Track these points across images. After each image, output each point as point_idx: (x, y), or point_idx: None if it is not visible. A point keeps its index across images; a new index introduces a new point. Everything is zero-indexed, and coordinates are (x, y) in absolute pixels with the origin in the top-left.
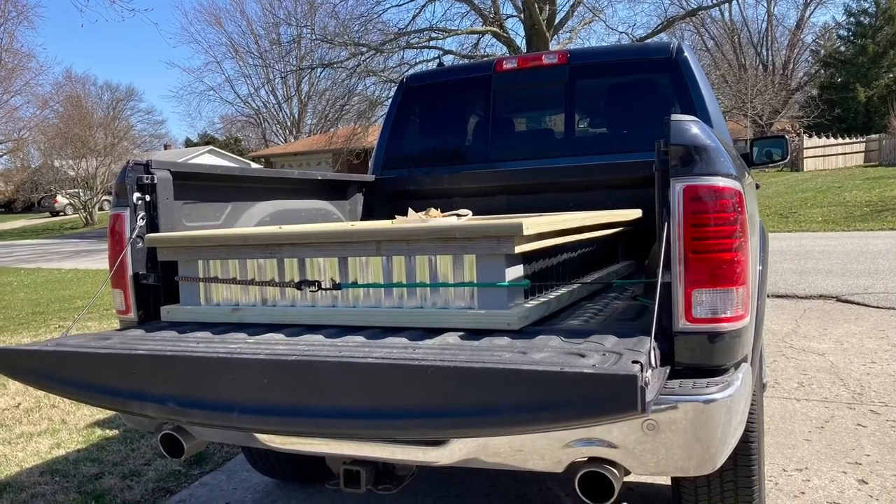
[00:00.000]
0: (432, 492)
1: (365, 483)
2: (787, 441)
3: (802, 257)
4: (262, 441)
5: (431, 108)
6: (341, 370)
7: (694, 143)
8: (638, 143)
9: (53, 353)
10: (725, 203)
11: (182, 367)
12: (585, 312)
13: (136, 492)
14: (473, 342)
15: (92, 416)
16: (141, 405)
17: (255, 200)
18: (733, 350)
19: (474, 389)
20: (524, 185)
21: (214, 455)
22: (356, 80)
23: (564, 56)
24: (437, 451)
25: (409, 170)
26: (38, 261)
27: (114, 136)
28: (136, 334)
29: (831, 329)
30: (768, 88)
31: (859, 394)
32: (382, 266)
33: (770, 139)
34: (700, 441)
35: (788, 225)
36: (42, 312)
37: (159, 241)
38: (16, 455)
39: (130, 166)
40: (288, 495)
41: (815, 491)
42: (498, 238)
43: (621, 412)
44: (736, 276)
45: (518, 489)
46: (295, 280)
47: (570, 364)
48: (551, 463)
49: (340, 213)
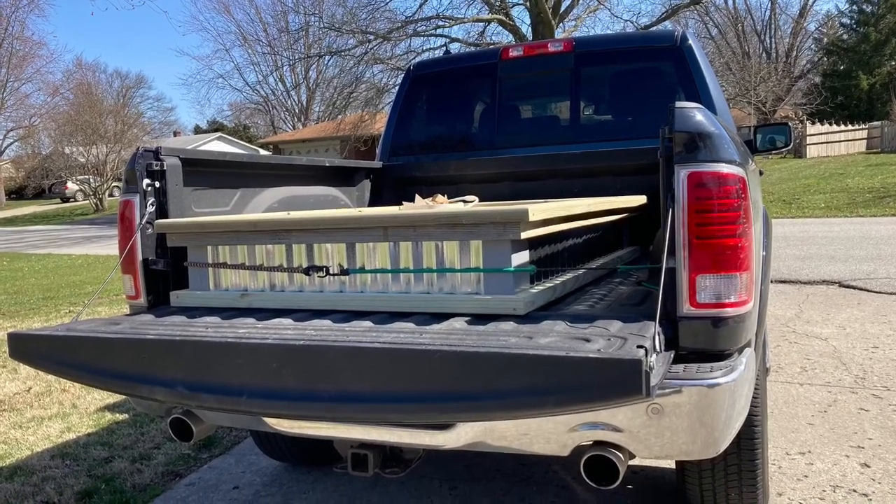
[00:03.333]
0: (439, 475)
1: (372, 466)
2: (791, 425)
3: (805, 243)
4: (270, 425)
5: (438, 96)
6: (349, 355)
7: (698, 129)
8: (642, 130)
9: (64, 338)
10: (729, 189)
11: (191, 351)
12: (591, 298)
13: (145, 475)
14: (480, 327)
15: (102, 401)
16: (150, 389)
17: (264, 187)
18: (737, 335)
19: (480, 374)
20: (530, 171)
21: (223, 439)
22: (364, 67)
23: (570, 44)
24: (444, 434)
25: (416, 156)
26: (48, 246)
27: (124, 123)
28: (145, 319)
29: (834, 314)
30: (772, 76)
31: (862, 378)
32: (390, 252)
33: (773, 126)
34: (704, 425)
35: (792, 211)
36: (53, 297)
37: (169, 227)
38: (27, 439)
39: (140, 153)
40: (296, 478)
41: (818, 474)
42: (504, 224)
43: (626, 396)
44: (739, 261)
45: (524, 472)
46: (303, 265)
47: (576, 349)
48: (557, 447)
49: (348, 200)
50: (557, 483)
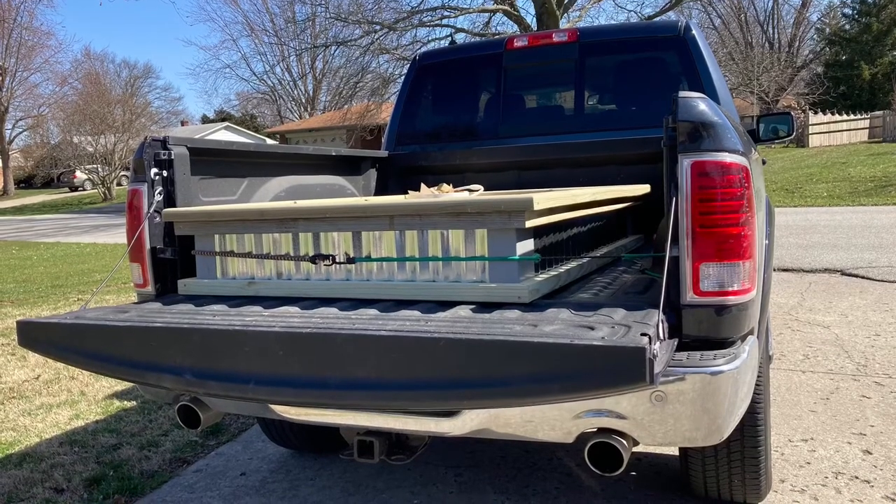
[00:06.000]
0: (444, 462)
1: (378, 453)
2: (793, 412)
3: (808, 232)
4: (277, 412)
5: (443, 86)
6: (355, 342)
7: (701, 119)
8: (646, 120)
9: (72, 326)
10: (732, 178)
11: (199, 339)
12: (595, 286)
13: (153, 462)
14: (485, 315)
15: (110, 388)
16: (158, 377)
17: (271, 176)
18: (740, 323)
19: (485, 361)
20: (534, 160)
21: (230, 426)
22: (370, 57)
23: (574, 34)
24: (450, 422)
25: (422, 146)
26: (57, 235)
27: (132, 112)
28: (153, 307)
29: (836, 302)
30: (774, 66)
31: (864, 366)
32: (395, 240)
33: (776, 116)
34: (707, 412)
35: (794, 200)
36: (61, 286)
37: (176, 216)
38: (36, 426)
39: (148, 142)
40: (302, 465)
41: (820, 461)
42: (509, 213)
43: (630, 383)
44: (743, 250)
45: (528, 459)
46: (310, 254)
47: (580, 336)
48: (561, 434)
49: (354, 189)
50: (562, 470)
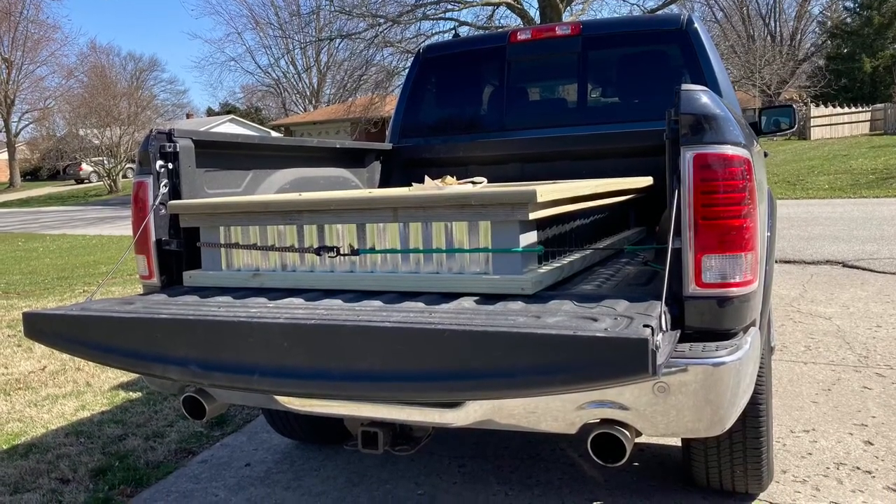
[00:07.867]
0: (448, 452)
1: (382, 444)
2: (795, 403)
3: (809, 224)
4: (281, 403)
5: (447, 79)
6: (359, 334)
7: (704, 112)
8: (649, 112)
9: (78, 318)
10: (734, 171)
11: (204, 330)
12: (598, 278)
13: (158, 452)
14: (488, 306)
15: (116, 379)
16: (164, 368)
17: (276, 168)
18: (742, 314)
19: (489, 352)
20: (538, 153)
21: (235, 417)
22: (374, 50)
23: (577, 27)
24: (453, 412)
25: (426, 138)
26: (63, 227)
27: (137, 105)
28: (159, 299)
29: (838, 294)
30: (776, 59)
31: (865, 357)
32: (399, 232)
33: (778, 108)
34: (710, 403)
35: (796, 192)
36: (67, 277)
37: (182, 208)
38: (42, 417)
39: (153, 135)
40: (307, 456)
41: (821, 452)
42: (512, 205)
43: (633, 375)
44: (745, 241)
45: (531, 450)
46: (314, 246)
47: (583, 328)
48: (564, 424)
49: (358, 181)
50: (565, 461)
